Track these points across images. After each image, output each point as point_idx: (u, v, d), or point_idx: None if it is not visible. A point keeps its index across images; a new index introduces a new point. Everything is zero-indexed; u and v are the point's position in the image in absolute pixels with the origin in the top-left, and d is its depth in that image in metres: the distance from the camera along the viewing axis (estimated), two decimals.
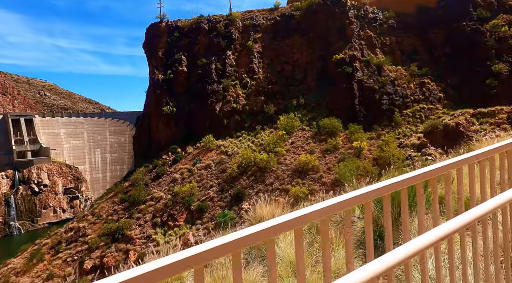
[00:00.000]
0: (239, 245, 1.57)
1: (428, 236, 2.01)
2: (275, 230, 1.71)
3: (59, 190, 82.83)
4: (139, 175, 55.47)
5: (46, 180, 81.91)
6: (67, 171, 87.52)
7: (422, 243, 1.93)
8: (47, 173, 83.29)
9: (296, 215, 1.79)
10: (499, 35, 53.84)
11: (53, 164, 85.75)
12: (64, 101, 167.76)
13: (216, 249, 1.49)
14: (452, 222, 2.19)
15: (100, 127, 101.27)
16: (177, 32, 72.05)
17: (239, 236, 1.58)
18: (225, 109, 62.07)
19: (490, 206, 2.49)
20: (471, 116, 48.07)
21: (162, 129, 65.33)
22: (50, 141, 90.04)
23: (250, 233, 1.61)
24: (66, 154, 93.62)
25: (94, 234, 45.65)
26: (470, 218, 2.33)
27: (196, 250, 1.45)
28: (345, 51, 60.14)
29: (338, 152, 47.78)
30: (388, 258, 1.73)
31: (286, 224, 1.75)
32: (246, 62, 67.43)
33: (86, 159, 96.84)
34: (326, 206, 1.92)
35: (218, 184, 47.58)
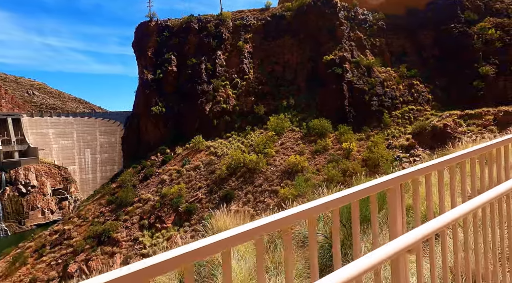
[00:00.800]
0: (190, 258, 1.43)
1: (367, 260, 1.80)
2: (230, 242, 1.58)
3: (48, 191, 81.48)
4: (127, 176, 54.61)
5: (34, 181, 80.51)
6: (56, 172, 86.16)
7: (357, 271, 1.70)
8: (35, 174, 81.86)
9: (252, 227, 1.66)
10: (486, 37, 54.53)
11: (41, 165, 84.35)
12: (53, 101, 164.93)
13: (165, 263, 1.35)
14: (394, 243, 1.97)
15: (90, 127, 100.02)
16: (167, 31, 71.30)
17: (189, 249, 1.43)
18: (215, 109, 61.57)
19: (446, 219, 2.28)
20: (458, 118, 48.52)
21: (151, 130, 64.52)
22: (38, 141, 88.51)
23: (203, 245, 1.47)
24: (55, 154, 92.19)
25: (79, 237, 44.71)
26: (415, 237, 2.08)
27: (140, 265, 1.30)
28: (335, 52, 60.23)
29: (328, 153, 47.74)
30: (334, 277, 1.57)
31: (242, 235, 1.63)
32: (237, 63, 67.05)
33: (75, 160, 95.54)
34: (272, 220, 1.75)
35: (207, 185, 47.09)
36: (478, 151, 3.18)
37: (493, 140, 3.48)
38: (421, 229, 2.18)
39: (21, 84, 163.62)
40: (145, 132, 64.98)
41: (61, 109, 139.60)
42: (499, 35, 53.69)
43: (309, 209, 1.94)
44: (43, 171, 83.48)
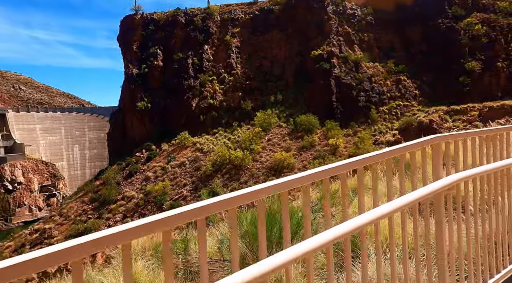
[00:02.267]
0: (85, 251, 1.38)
1: None
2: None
3: (35, 188, 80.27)
4: (111, 173, 53.47)
5: (21, 177, 79.07)
6: (43, 168, 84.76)
7: None
8: (22, 170, 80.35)
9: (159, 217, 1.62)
10: (472, 33, 54.54)
11: (28, 161, 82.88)
12: (40, 95, 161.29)
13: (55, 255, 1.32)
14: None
15: (79, 122, 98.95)
16: (153, 25, 69.67)
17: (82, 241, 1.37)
18: (201, 105, 60.58)
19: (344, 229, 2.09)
20: (444, 113, 48.59)
21: (136, 125, 63.23)
22: (25, 137, 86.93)
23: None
24: (42, 150, 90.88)
25: (60, 236, 43.60)
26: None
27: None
28: (323, 47, 59.64)
29: (314, 149, 47.39)
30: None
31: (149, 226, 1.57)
32: (224, 57, 65.98)
33: (63, 156, 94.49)
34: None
35: (192, 182, 46.36)
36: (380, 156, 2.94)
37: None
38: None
39: (7, 79, 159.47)
40: (131, 128, 63.68)
41: (48, 104, 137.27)
42: (485, 30, 53.75)
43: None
44: (30, 167, 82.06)
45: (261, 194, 2.05)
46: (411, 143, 3.18)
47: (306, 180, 2.27)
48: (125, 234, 1.49)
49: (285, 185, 2.14)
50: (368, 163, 2.78)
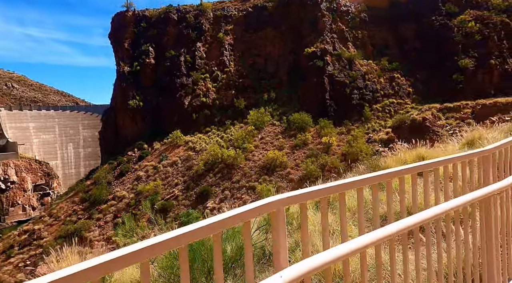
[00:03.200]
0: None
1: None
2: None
3: (28, 187, 79.50)
4: (102, 173, 52.69)
5: (14, 176, 78.21)
6: (37, 167, 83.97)
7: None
8: (15, 169, 79.47)
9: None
10: (466, 30, 54.36)
11: (22, 160, 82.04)
12: (34, 94, 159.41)
13: None
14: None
15: (73, 120, 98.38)
16: (144, 22, 68.67)
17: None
18: (194, 103, 59.87)
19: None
20: (437, 111, 48.44)
21: (128, 124, 62.37)
22: (18, 135, 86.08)
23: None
24: (35, 149, 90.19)
25: (50, 237, 42.89)
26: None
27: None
28: (317, 44, 59.15)
29: (307, 147, 47.00)
30: None
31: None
32: (217, 55, 65.24)
33: (57, 154, 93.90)
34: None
35: (184, 181, 45.78)
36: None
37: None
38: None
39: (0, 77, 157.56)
40: (123, 126, 62.81)
41: (42, 103, 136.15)
42: (479, 28, 53.60)
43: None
44: (23, 166, 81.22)
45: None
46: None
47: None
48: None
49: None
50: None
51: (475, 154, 3.60)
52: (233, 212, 1.93)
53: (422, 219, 2.61)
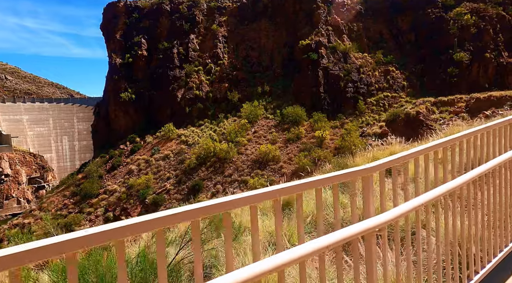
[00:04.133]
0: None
1: None
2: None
3: (23, 180, 79.09)
4: (93, 166, 52.08)
5: (8, 169, 77.62)
6: (31, 160, 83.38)
7: None
8: (9, 162, 78.83)
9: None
10: (461, 23, 53.76)
11: (16, 153, 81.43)
12: (27, 86, 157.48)
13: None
14: None
15: (67, 113, 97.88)
16: (137, 13, 67.36)
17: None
18: (187, 96, 59.09)
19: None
20: (432, 105, 48.10)
21: (121, 117, 61.55)
22: (11, 128, 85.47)
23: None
24: (30, 142, 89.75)
25: (40, 231, 42.38)
26: None
27: None
28: (312, 37, 58.34)
29: (301, 141, 46.61)
30: None
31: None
32: (211, 47, 64.27)
33: (52, 147, 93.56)
34: None
35: (176, 175, 45.33)
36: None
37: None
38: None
39: None
40: (115, 119, 61.98)
41: (36, 95, 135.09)
42: (474, 20, 53.01)
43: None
44: (17, 159, 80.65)
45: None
46: None
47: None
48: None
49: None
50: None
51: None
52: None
53: (360, 230, 2.18)
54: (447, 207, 2.95)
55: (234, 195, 1.98)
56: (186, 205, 3.64)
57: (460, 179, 3.02)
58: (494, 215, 3.46)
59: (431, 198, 2.64)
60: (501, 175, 3.65)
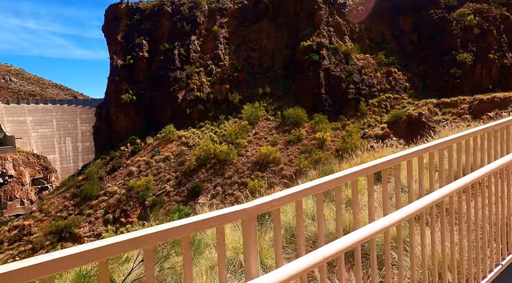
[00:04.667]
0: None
1: None
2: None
3: (26, 181, 79.46)
4: (94, 168, 52.02)
5: (12, 170, 78.03)
6: (35, 161, 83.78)
7: None
8: (13, 163, 79.23)
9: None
10: (464, 24, 53.20)
11: (19, 154, 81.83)
12: (32, 87, 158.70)
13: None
14: None
15: (71, 114, 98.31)
16: (138, 14, 67.43)
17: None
18: (188, 97, 58.95)
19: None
20: (434, 106, 47.54)
21: (122, 119, 61.53)
22: (15, 129, 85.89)
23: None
24: (33, 143, 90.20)
25: (40, 233, 42.40)
26: None
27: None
28: (313, 38, 58.03)
29: (301, 143, 46.24)
30: None
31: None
32: (212, 48, 64.15)
33: (55, 148, 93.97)
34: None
35: (176, 177, 45.11)
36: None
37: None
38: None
39: None
40: (116, 121, 61.98)
41: (40, 96, 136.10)
42: (478, 21, 52.44)
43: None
44: (21, 160, 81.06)
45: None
46: None
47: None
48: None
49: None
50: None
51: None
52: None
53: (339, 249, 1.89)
54: (424, 224, 2.61)
55: (198, 216, 1.73)
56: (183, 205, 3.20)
57: (444, 189, 2.70)
58: (483, 232, 3.12)
59: (406, 214, 2.33)
60: (490, 184, 3.30)
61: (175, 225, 1.60)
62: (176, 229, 1.59)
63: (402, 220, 2.28)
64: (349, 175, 2.26)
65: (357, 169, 2.29)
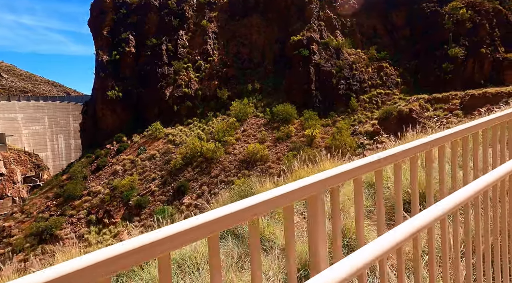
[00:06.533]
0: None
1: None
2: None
3: (18, 179, 78.00)
4: (78, 167, 50.57)
5: (3, 168, 76.49)
6: (26, 159, 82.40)
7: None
8: (3, 161, 77.69)
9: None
10: (457, 17, 52.21)
11: (10, 152, 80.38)
12: (23, 84, 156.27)
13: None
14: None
15: (63, 111, 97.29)
16: (124, 8, 65.54)
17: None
18: (175, 94, 57.49)
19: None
20: (426, 102, 46.65)
21: (108, 116, 59.95)
22: (6, 126, 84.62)
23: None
24: (25, 140, 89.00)
25: (20, 234, 41.03)
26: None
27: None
28: (303, 32, 56.74)
29: (290, 140, 45.19)
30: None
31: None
32: (200, 43, 62.59)
33: (48, 146, 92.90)
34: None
35: (161, 176, 43.88)
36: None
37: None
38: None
39: None
40: (102, 118, 60.38)
41: (32, 93, 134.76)
42: (470, 15, 51.46)
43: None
44: (12, 158, 79.65)
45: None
46: None
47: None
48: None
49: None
50: None
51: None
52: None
53: None
54: None
55: (260, 195, 1.53)
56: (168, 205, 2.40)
57: None
58: None
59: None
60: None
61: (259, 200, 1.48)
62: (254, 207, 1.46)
63: None
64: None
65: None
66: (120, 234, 35.59)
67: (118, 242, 1.16)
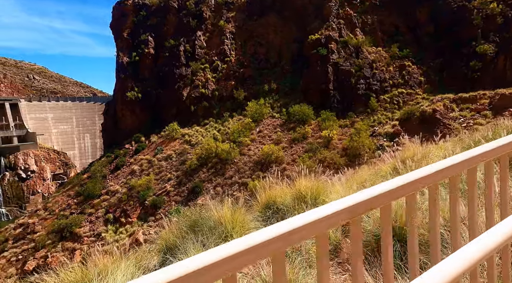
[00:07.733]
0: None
1: None
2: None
3: (47, 176, 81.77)
4: (98, 166, 51.86)
5: (34, 166, 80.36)
6: (55, 157, 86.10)
7: None
8: (34, 159, 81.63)
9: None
10: (486, 12, 49.15)
11: (41, 150, 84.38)
12: (53, 85, 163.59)
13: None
14: None
15: (89, 111, 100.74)
16: (144, 10, 66.70)
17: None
18: (192, 94, 57.80)
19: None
20: (451, 102, 44.21)
21: (127, 116, 61.23)
22: (37, 126, 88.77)
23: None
24: (54, 139, 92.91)
25: (43, 231, 42.52)
26: None
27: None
28: (322, 31, 55.40)
29: (307, 141, 44.16)
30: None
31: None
32: (218, 44, 62.63)
33: (75, 145, 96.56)
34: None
35: (177, 176, 44.12)
36: None
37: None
38: None
39: (21, 68, 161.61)
40: (122, 119, 61.75)
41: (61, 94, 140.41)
42: (501, 9, 48.29)
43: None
44: (42, 156, 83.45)
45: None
46: None
47: None
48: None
49: None
50: None
51: None
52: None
53: None
54: None
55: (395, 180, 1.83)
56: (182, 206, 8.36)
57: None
58: None
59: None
60: None
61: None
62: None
63: None
64: None
65: None
66: (135, 234, 36.00)
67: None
